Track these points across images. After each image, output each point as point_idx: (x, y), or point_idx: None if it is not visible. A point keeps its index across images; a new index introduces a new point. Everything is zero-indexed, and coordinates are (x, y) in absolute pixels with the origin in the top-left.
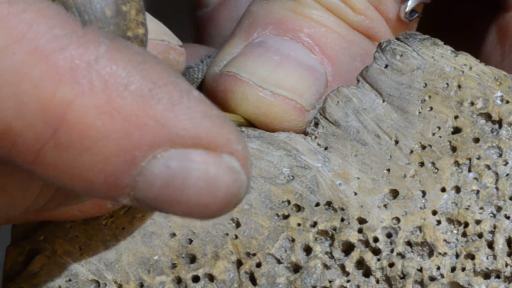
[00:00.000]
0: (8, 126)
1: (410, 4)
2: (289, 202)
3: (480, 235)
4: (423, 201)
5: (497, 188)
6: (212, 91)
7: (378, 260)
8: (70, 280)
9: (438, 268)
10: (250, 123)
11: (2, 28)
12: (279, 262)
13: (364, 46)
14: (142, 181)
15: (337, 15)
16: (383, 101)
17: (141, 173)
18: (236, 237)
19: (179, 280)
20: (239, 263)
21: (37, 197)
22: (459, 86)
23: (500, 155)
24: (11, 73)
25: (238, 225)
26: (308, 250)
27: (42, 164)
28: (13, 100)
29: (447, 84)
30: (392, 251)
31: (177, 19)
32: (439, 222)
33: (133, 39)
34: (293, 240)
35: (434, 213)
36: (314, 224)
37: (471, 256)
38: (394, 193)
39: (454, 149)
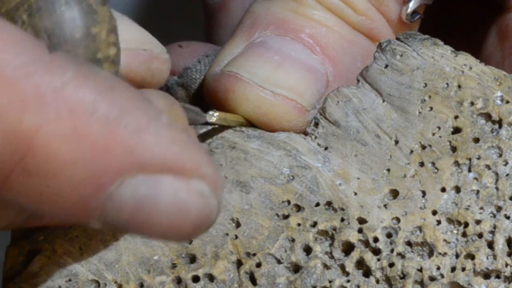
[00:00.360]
0: None
1: (411, 6)
2: (289, 202)
3: (480, 235)
4: (423, 201)
5: (497, 188)
6: (212, 90)
7: (378, 260)
8: (70, 280)
9: (438, 268)
10: (250, 123)
11: None
12: (279, 262)
13: (365, 46)
14: (111, 206)
15: (338, 15)
16: (383, 101)
17: (110, 198)
18: (236, 237)
19: (179, 280)
20: (239, 263)
21: (15, 214)
22: (459, 86)
23: (500, 155)
24: None
25: (238, 225)
26: (308, 250)
27: (10, 190)
28: None
29: (447, 84)
30: (392, 251)
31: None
32: (439, 222)
33: (103, 60)
34: (293, 240)
35: (434, 213)
36: (314, 224)
37: (471, 256)
38: (394, 193)
39: (454, 149)
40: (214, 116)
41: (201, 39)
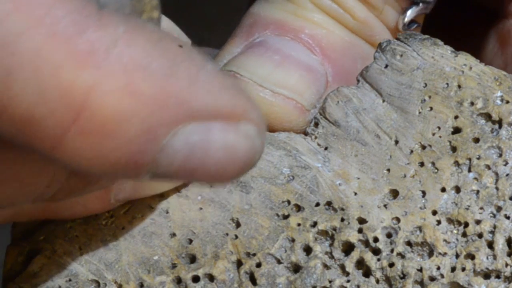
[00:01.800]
0: (28, 113)
1: (408, 16)
2: (289, 202)
3: (480, 235)
4: (423, 201)
5: (497, 188)
6: None
7: (378, 260)
8: (70, 280)
9: (438, 268)
10: None
11: (21, 13)
12: (279, 262)
13: (365, 50)
14: (164, 157)
15: (338, 21)
16: (383, 101)
17: (163, 150)
18: (236, 237)
19: (179, 280)
20: (239, 263)
21: (47, 185)
22: (459, 86)
23: (500, 155)
24: (31, 58)
25: (238, 225)
26: (308, 250)
27: (64, 150)
28: (34, 86)
29: (447, 84)
30: (392, 251)
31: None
32: (439, 222)
33: (148, 22)
34: (293, 240)
35: (434, 213)
36: (314, 224)
37: (471, 256)
38: (394, 193)
39: (454, 149)
40: None
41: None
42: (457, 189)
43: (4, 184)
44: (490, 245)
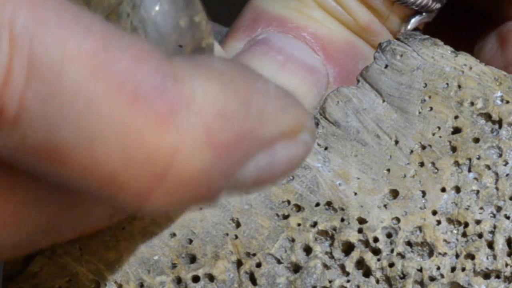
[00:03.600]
0: (113, 176)
1: (411, 25)
2: (289, 202)
3: (480, 235)
4: (423, 201)
5: (497, 188)
6: None
7: (378, 260)
8: (70, 280)
9: (438, 268)
10: None
11: (101, 78)
12: (279, 262)
13: (367, 51)
14: (235, 186)
15: (340, 21)
16: (383, 101)
17: (235, 181)
18: (236, 237)
19: (179, 280)
20: (239, 263)
21: (109, 211)
22: (459, 86)
23: (500, 155)
24: (113, 124)
25: (238, 225)
26: (308, 250)
27: (150, 206)
28: (118, 150)
29: (447, 84)
30: (392, 251)
31: None
32: (439, 222)
33: (206, 49)
34: (293, 240)
35: (434, 213)
36: (314, 224)
37: (471, 256)
38: (394, 193)
39: (454, 149)
40: None
41: None
42: (457, 189)
43: (70, 213)
44: (490, 245)
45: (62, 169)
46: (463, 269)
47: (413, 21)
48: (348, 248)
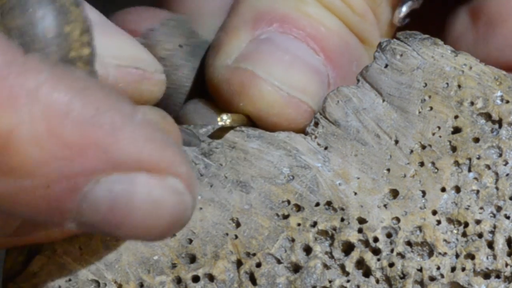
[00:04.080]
0: None
1: (404, 10)
2: (289, 202)
3: (480, 235)
4: (423, 201)
5: (497, 188)
6: (224, 82)
7: (378, 260)
8: (70, 280)
9: (438, 268)
10: (252, 123)
11: None
12: (279, 262)
13: (359, 50)
14: (86, 206)
15: (337, 15)
16: (383, 100)
17: (85, 198)
18: (236, 237)
19: (179, 280)
20: (239, 263)
21: (2, 227)
22: (459, 86)
23: (500, 155)
24: None
25: (238, 225)
26: (308, 250)
27: None
28: None
29: (447, 83)
30: (392, 251)
31: None
32: (439, 222)
33: (77, 60)
34: (293, 240)
35: (434, 213)
36: (314, 224)
37: (471, 256)
38: (394, 193)
39: (454, 149)
40: (226, 120)
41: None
42: (457, 189)
43: None
44: (490, 245)
45: None
46: (463, 269)
47: (405, 7)
48: (348, 248)
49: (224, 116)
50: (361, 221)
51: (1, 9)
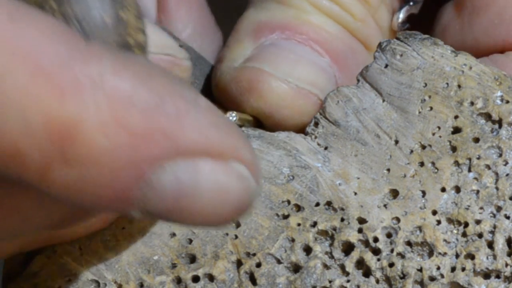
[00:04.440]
0: (15, 147)
1: (402, 15)
2: (289, 202)
3: (480, 235)
4: (423, 201)
5: (497, 188)
6: (233, 82)
7: (378, 260)
8: (70, 280)
9: (438, 268)
10: (256, 122)
11: (4, 48)
12: (279, 262)
13: (363, 54)
14: (152, 194)
15: (338, 22)
16: (383, 101)
17: (151, 186)
18: (236, 237)
19: (179, 280)
20: (239, 263)
21: (48, 217)
22: (459, 86)
23: (500, 155)
24: (15, 94)
25: (238, 225)
26: (308, 250)
27: (51, 181)
28: (19, 120)
29: (447, 84)
30: (392, 251)
31: None
32: (439, 222)
33: (134, 46)
34: (293, 240)
35: (434, 213)
36: (314, 224)
37: (471, 256)
38: (394, 193)
39: (454, 149)
40: (233, 117)
41: None
42: (457, 189)
43: (5, 218)
44: (490, 245)
45: None
46: (463, 269)
47: (403, 11)
48: (348, 248)
49: (233, 113)
50: (361, 221)
51: None
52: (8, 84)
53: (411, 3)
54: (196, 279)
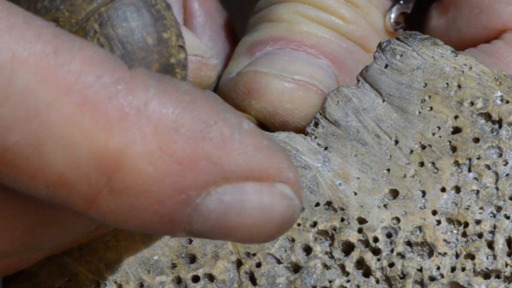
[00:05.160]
0: (61, 177)
1: (393, 16)
2: None
3: (480, 235)
4: (423, 201)
5: (497, 188)
6: (232, 89)
7: (378, 260)
8: (70, 280)
9: (438, 268)
10: (260, 124)
11: (50, 81)
12: (279, 262)
13: (361, 55)
14: (197, 216)
15: (330, 27)
16: (383, 101)
17: (196, 209)
18: None
19: (179, 280)
20: (239, 263)
21: (88, 226)
22: (459, 86)
23: (500, 155)
24: (61, 126)
25: None
26: (308, 250)
27: (98, 210)
28: (66, 151)
29: (447, 84)
30: (392, 251)
31: None
32: (439, 222)
33: (176, 65)
34: (293, 240)
35: (434, 213)
36: (314, 224)
37: (471, 256)
38: (394, 193)
39: (454, 149)
40: None
41: None
42: (457, 189)
43: (47, 228)
44: (490, 245)
45: (13, 172)
46: (463, 269)
47: (394, 11)
48: (348, 248)
49: None
50: (361, 221)
51: (100, 20)
52: (54, 117)
53: (401, 2)
54: (196, 279)
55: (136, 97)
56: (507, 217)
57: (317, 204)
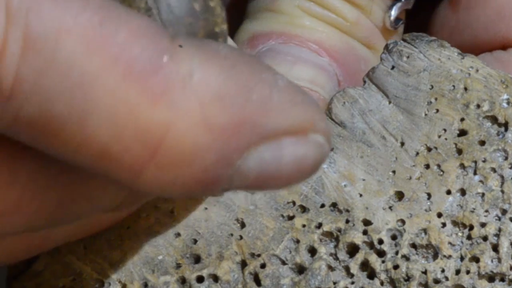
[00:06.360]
0: (105, 150)
1: (393, 13)
2: (294, 203)
3: (485, 238)
4: (428, 203)
5: (502, 191)
6: None
7: (383, 262)
8: (74, 279)
9: (443, 271)
10: None
11: (95, 52)
12: (283, 263)
13: (363, 50)
14: (238, 176)
15: (331, 24)
16: (389, 102)
17: (238, 170)
18: (241, 237)
19: (183, 280)
20: (243, 264)
21: (114, 199)
22: (465, 89)
23: (506, 158)
24: (106, 98)
25: (243, 225)
26: (312, 251)
27: (143, 182)
28: (109, 124)
29: (454, 86)
30: (396, 253)
31: None
32: (444, 225)
33: (219, 34)
34: (297, 241)
35: (439, 215)
36: (319, 226)
37: (475, 259)
38: (399, 195)
39: (459, 151)
40: None
41: None
42: (463, 192)
43: (75, 201)
44: (495, 248)
45: (56, 143)
46: (468, 272)
47: (395, 9)
48: (352, 249)
49: None
50: (366, 223)
51: None
52: (99, 89)
53: (402, 0)
54: (200, 279)
55: (181, 69)
56: None
57: (322, 206)
